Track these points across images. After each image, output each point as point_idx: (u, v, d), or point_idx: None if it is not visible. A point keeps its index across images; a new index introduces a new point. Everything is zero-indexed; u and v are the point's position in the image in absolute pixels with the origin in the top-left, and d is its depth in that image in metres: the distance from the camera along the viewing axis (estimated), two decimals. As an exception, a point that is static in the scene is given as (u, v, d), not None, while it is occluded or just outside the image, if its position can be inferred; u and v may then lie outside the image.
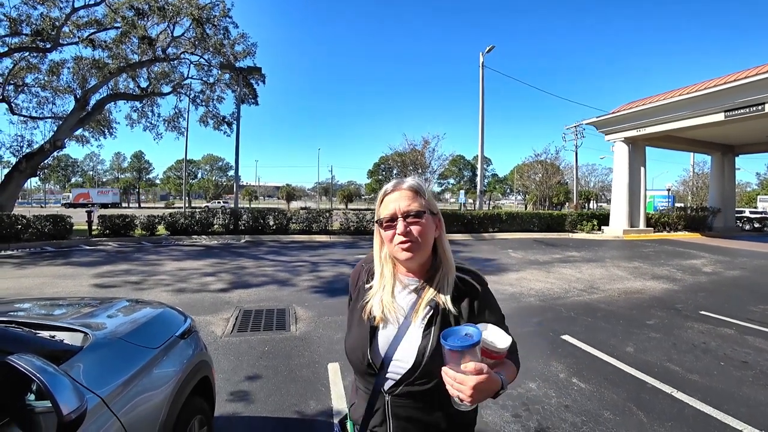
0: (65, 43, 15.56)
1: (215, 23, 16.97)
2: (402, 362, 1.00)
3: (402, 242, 0.99)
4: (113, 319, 1.81)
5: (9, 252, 10.74)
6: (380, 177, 69.71)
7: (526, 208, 46.47)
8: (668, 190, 32.13)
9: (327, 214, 16.81)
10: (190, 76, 18.85)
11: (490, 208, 29.24)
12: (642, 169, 18.42)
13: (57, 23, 14.61)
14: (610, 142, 18.94)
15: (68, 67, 16.89)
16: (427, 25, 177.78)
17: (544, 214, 19.61)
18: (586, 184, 60.51)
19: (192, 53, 17.62)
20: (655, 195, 29.92)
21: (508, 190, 74.32)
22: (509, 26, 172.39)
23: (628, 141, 17.95)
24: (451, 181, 73.63)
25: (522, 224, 18.36)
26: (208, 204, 49.63)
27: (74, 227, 13.37)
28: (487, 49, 20.52)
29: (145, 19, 15.59)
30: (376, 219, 1.06)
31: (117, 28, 15.83)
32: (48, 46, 14.84)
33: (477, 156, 22.62)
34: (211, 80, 19.06)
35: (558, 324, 4.99)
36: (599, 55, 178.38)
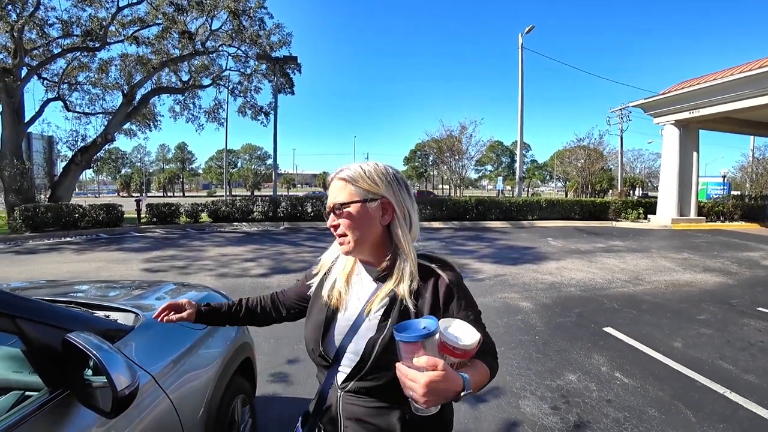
0: (112, 41, 16.33)
1: (251, 15, 17.23)
2: (354, 354, 0.94)
3: (337, 235, 0.98)
4: (162, 301, 1.90)
5: (68, 238, 11.59)
6: (417, 164, 69.35)
7: (566, 196, 44.77)
8: (723, 176, 30.01)
9: None
10: (228, 67, 19.33)
11: (529, 195, 28.46)
12: (695, 154, 17.23)
13: (104, 23, 15.33)
14: (659, 125, 17.81)
15: (115, 65, 17.77)
16: (465, 6, 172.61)
17: (585, 201, 18.84)
18: (632, 171, 57.45)
19: (229, 45, 18.03)
20: (709, 182, 28.05)
21: (548, 177, 71.87)
22: (549, 3, 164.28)
23: (679, 124, 16.80)
24: (489, 167, 72.07)
25: (562, 212, 17.75)
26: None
27: (125, 215, 14.21)
28: (527, 29, 19.74)
29: (185, 14, 16.07)
30: None
31: (158, 24, 16.43)
32: (97, 45, 15.63)
33: (516, 142, 22.03)
34: (249, 71, 19.45)
35: (600, 315, 4.81)
36: (647, 32, 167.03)
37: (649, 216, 17.75)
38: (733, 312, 5.04)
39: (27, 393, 1.05)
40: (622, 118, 30.70)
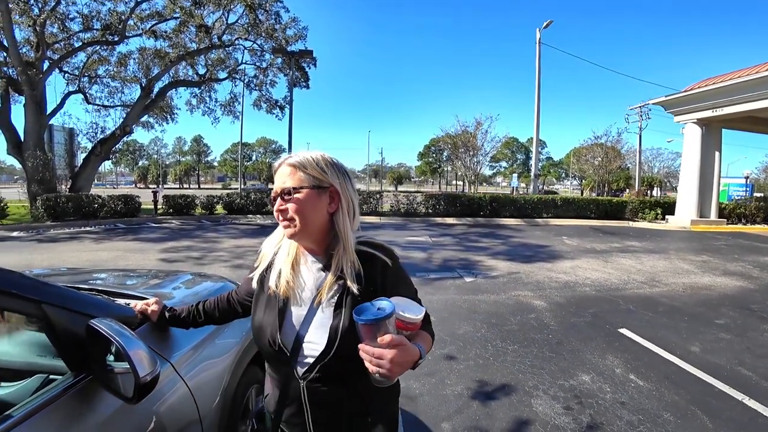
0: (130, 35, 16.60)
1: (267, 8, 17.31)
2: (315, 344, 0.97)
3: (281, 220, 0.99)
4: (179, 291, 1.94)
5: (88, 228, 11.86)
6: (431, 159, 69.22)
7: (582, 194, 44.12)
8: (746, 177, 29.15)
9: (377, 196, 17.12)
10: (244, 61, 19.45)
11: (544, 193, 28.11)
12: (717, 153, 16.76)
13: (123, 17, 15.61)
14: (680, 123, 17.37)
15: (134, 58, 18.09)
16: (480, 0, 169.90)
17: (602, 200, 18.53)
18: (650, 170, 56.35)
19: (245, 39, 18.14)
20: (730, 183, 27.26)
21: (563, 175, 70.89)
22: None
23: (701, 122, 16.36)
24: (504, 164, 71.51)
25: (578, 210, 17.50)
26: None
27: (142, 206, 14.47)
28: (545, 24, 19.39)
29: (201, 8, 16.23)
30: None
31: (176, 18, 16.63)
32: (116, 39, 15.92)
33: (531, 138, 21.84)
34: (264, 65, 19.55)
35: (615, 316, 4.74)
36: (669, 27, 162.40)
37: (667, 217, 17.38)
38: (753, 317, 4.91)
39: (51, 377, 1.08)
40: (641, 115, 30.04)
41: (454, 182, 70.33)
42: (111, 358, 0.99)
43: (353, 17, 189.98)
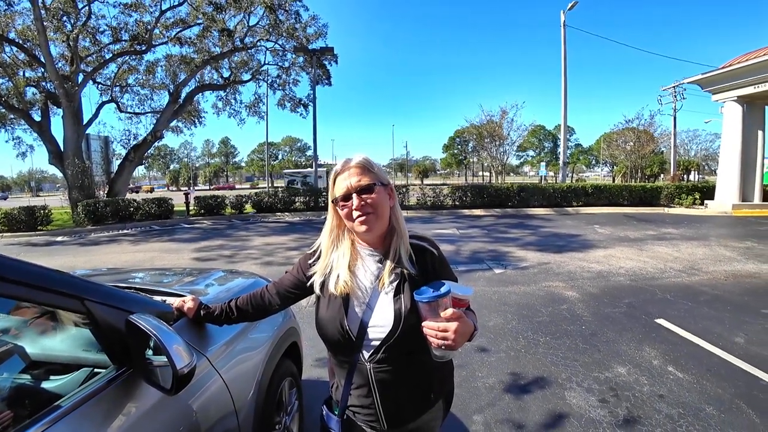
0: (157, 43, 17.16)
1: (286, 8, 17.49)
2: (379, 327, 1.04)
3: (359, 216, 1.04)
4: (212, 287, 2.00)
5: (125, 230, 12.39)
6: (455, 151, 68.42)
7: (613, 181, 42.53)
8: (794, 156, 27.33)
9: (403, 190, 17.12)
10: (266, 62, 19.80)
11: (573, 181, 27.27)
12: (760, 133, 15.79)
13: (149, 27, 16.17)
14: (718, 102, 16.45)
15: (161, 66, 18.77)
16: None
17: (635, 186, 17.81)
18: (686, 153, 53.81)
19: (267, 40, 18.41)
20: (776, 163, 25.63)
21: (594, 162, 68.55)
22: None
23: (742, 100, 15.43)
24: (531, 153, 69.80)
25: (610, 198, 16.93)
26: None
27: (175, 208, 14.99)
28: (570, 5, 18.72)
29: (223, 12, 16.57)
30: (331, 199, 1.09)
31: (199, 24, 17.08)
32: (143, 48, 16.52)
33: (559, 125, 21.21)
34: (286, 64, 19.82)
35: (652, 306, 4.56)
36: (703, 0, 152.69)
37: (706, 202, 16.55)
38: (804, 304, 4.63)
39: (96, 370, 1.14)
40: (675, 96, 28.62)
41: (480, 173, 69.27)
42: (150, 352, 1.03)
43: (373, 10, 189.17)
